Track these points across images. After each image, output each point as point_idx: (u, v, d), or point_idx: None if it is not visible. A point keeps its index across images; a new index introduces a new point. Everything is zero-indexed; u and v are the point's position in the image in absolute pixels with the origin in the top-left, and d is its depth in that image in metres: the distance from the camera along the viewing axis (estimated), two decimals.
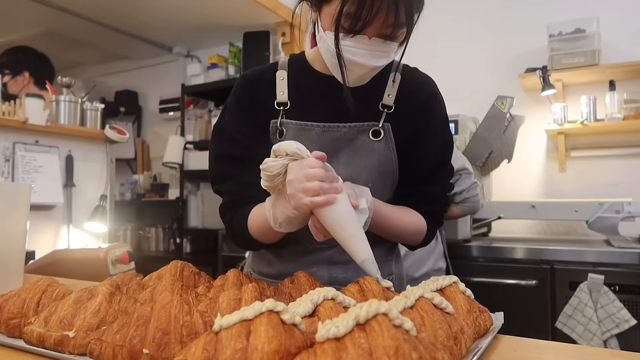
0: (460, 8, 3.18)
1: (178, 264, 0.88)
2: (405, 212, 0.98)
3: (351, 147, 0.96)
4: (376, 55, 0.86)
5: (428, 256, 1.94)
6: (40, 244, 2.05)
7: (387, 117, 0.96)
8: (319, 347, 0.42)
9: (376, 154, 0.95)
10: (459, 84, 3.11)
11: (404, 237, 1.00)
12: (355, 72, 0.89)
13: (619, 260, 1.91)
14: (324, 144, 0.95)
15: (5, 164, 2.00)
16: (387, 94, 0.98)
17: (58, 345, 0.60)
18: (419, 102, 0.99)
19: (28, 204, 1.03)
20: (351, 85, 0.91)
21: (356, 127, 0.95)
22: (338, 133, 0.95)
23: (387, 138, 0.96)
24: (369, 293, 0.71)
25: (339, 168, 0.93)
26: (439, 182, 1.02)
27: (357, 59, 0.85)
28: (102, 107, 2.48)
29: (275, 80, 1.01)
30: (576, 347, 0.64)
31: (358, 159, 0.95)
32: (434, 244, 1.99)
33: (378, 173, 0.96)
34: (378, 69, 0.90)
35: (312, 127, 0.96)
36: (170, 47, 4.40)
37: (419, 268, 1.90)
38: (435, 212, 1.02)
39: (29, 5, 3.35)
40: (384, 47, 0.86)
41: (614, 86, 2.60)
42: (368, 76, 0.92)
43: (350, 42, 0.84)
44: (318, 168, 0.77)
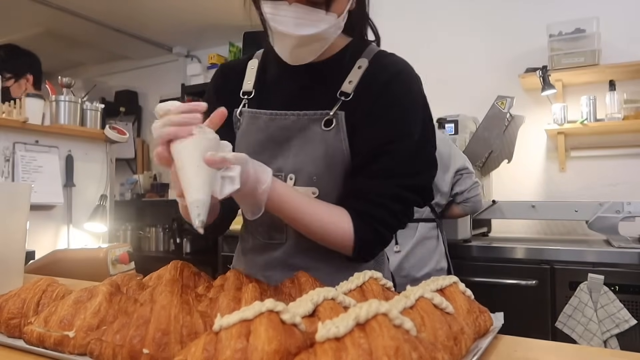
0: (460, 8, 3.18)
1: (178, 264, 0.88)
2: (323, 207, 0.85)
3: (302, 137, 0.90)
4: (299, 23, 0.80)
5: (430, 256, 1.94)
6: (40, 244, 2.05)
7: (344, 105, 0.89)
8: (319, 347, 0.42)
9: (324, 145, 0.88)
10: (459, 84, 3.11)
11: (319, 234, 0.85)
12: (285, 43, 0.84)
13: (619, 260, 1.91)
14: (272, 132, 0.91)
15: (5, 164, 2.00)
16: (349, 80, 0.90)
17: (58, 345, 0.60)
18: (379, 83, 0.89)
19: (28, 204, 1.03)
20: (292, 62, 0.87)
21: (307, 115, 0.89)
22: (286, 121, 0.90)
23: (339, 128, 0.88)
24: (369, 293, 0.71)
25: (288, 158, 0.90)
26: (381, 177, 0.86)
27: (278, 26, 0.81)
28: (102, 107, 2.48)
29: (246, 70, 1.00)
30: (576, 347, 0.64)
31: (307, 149, 0.89)
32: (435, 244, 1.98)
33: (325, 165, 0.88)
34: (311, 43, 0.84)
35: (260, 115, 0.92)
36: (170, 47, 4.40)
37: (421, 268, 1.90)
38: (369, 214, 0.85)
39: (29, 5, 3.35)
40: (306, 13, 0.80)
41: (614, 86, 2.60)
42: (305, 52, 0.86)
43: (270, 9, 0.81)
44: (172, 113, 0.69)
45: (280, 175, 0.91)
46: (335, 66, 0.92)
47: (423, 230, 1.98)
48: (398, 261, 1.92)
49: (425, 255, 1.93)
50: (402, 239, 1.96)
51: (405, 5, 3.35)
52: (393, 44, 3.78)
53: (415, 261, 1.92)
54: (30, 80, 2.60)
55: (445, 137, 2.09)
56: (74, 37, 4.04)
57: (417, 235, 1.97)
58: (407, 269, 1.91)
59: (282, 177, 0.91)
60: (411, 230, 1.98)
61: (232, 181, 0.69)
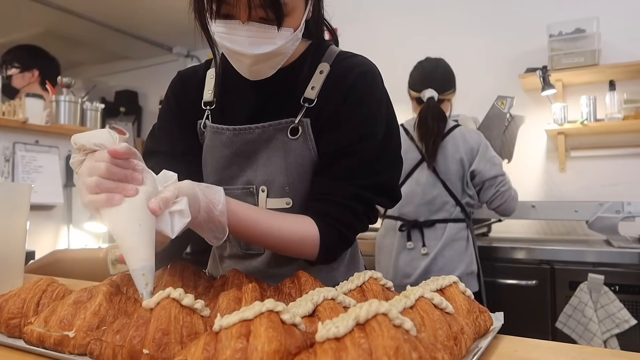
0: (461, 8, 3.18)
1: (178, 264, 0.88)
2: (285, 216, 0.84)
3: (269, 148, 0.88)
4: (253, 42, 0.78)
5: (459, 258, 1.86)
6: (40, 244, 2.05)
7: (308, 112, 0.87)
8: (319, 347, 0.42)
9: (293, 154, 0.87)
10: (459, 84, 3.11)
11: (286, 247, 0.84)
12: (242, 62, 0.81)
13: (619, 260, 1.91)
14: (237, 147, 0.89)
15: (5, 164, 2.00)
16: (312, 86, 0.88)
17: (58, 345, 0.60)
18: (343, 87, 0.87)
19: (28, 204, 1.03)
20: (251, 78, 0.85)
21: (271, 126, 0.87)
22: (251, 135, 0.88)
23: (306, 135, 0.87)
24: (369, 293, 0.71)
25: (257, 170, 0.89)
26: (343, 177, 0.85)
27: (232, 46, 0.79)
28: (102, 107, 2.48)
29: (205, 78, 0.97)
30: (576, 347, 0.64)
31: (276, 160, 0.88)
32: (464, 246, 1.89)
33: (296, 174, 0.87)
34: (269, 59, 0.82)
35: (224, 130, 0.90)
36: (170, 47, 4.40)
37: (449, 272, 1.82)
38: (333, 217, 0.84)
39: (29, 5, 3.35)
40: (259, 31, 0.77)
41: (614, 86, 2.60)
42: (264, 68, 0.83)
43: (222, 28, 0.78)
44: (103, 162, 0.64)
45: (252, 187, 0.90)
46: (297, 73, 0.89)
47: (452, 231, 1.89)
48: (426, 264, 1.85)
49: (454, 258, 1.84)
50: (429, 241, 1.88)
51: (405, 5, 3.35)
52: (393, 43, 3.80)
53: (443, 264, 1.83)
54: (35, 75, 2.60)
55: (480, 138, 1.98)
56: (74, 37, 4.04)
57: (446, 236, 1.88)
58: (434, 272, 1.82)
59: (254, 190, 0.89)
60: (439, 231, 1.90)
61: (181, 214, 0.66)
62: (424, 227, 1.90)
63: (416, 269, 1.85)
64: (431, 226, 1.90)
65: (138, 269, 0.62)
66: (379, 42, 3.34)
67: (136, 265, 0.62)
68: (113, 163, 0.65)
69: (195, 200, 0.70)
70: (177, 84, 1.00)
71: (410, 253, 1.89)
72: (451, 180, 1.92)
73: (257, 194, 0.89)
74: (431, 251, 1.87)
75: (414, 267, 1.86)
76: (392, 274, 1.91)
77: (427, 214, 1.92)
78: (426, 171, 1.94)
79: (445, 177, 1.92)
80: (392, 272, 1.92)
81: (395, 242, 1.94)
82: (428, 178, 1.93)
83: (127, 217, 0.63)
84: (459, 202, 1.93)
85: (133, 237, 0.62)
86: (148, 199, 0.65)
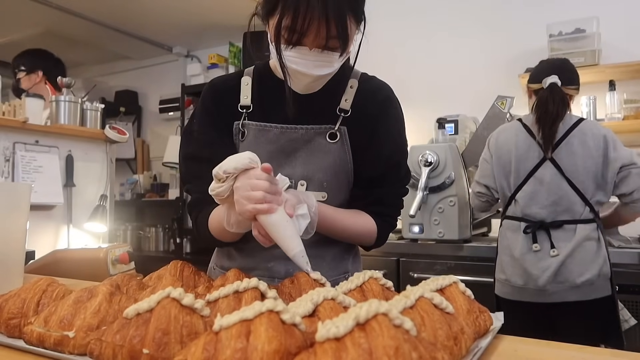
0: (460, 8, 3.18)
1: (178, 264, 0.89)
2: (353, 215, 1.04)
3: (308, 148, 1.02)
4: (317, 65, 0.92)
5: (592, 260, 1.76)
6: (40, 244, 2.05)
7: (344, 121, 1.02)
8: (319, 347, 0.42)
9: (332, 155, 1.02)
10: (459, 84, 3.11)
11: (353, 238, 1.07)
12: (301, 80, 0.96)
13: (619, 260, 1.91)
14: (282, 144, 1.02)
15: (5, 164, 2.00)
16: (345, 98, 1.04)
17: (58, 345, 0.60)
18: (374, 106, 1.05)
19: (28, 204, 1.03)
20: (302, 92, 1.00)
21: (313, 129, 1.01)
22: (295, 134, 1.02)
23: (343, 140, 1.02)
24: (369, 293, 0.71)
25: (296, 166, 1.02)
26: (391, 185, 1.06)
27: (299, 68, 0.92)
28: (102, 107, 2.48)
29: (240, 85, 1.08)
30: (576, 347, 0.64)
31: (315, 159, 1.02)
32: (595, 247, 1.78)
33: (333, 173, 1.02)
34: (323, 78, 0.97)
35: (271, 128, 1.02)
36: (170, 47, 4.40)
37: (581, 274, 1.74)
38: (386, 214, 1.07)
39: (29, 5, 3.35)
40: (324, 57, 0.92)
41: (614, 86, 2.60)
42: (316, 84, 0.99)
43: (292, 53, 0.91)
44: (263, 180, 0.83)
45: (291, 181, 1.01)
46: (331, 85, 1.02)
47: (583, 232, 1.78)
48: (556, 265, 1.76)
49: (585, 260, 1.75)
50: (558, 242, 1.79)
51: (405, 5, 3.35)
52: (393, 44, 3.79)
53: (574, 266, 1.74)
54: (40, 75, 2.69)
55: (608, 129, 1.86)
56: (74, 37, 4.04)
57: (577, 237, 1.78)
58: (565, 274, 1.75)
59: (293, 183, 1.02)
60: (569, 232, 1.80)
61: (304, 217, 0.87)
62: (550, 229, 1.81)
63: (544, 271, 1.77)
64: (559, 227, 1.81)
65: (297, 253, 0.84)
66: (378, 43, 3.34)
67: (294, 251, 0.84)
68: (271, 181, 0.84)
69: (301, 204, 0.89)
70: (213, 90, 1.11)
71: (536, 254, 1.80)
72: (579, 179, 1.81)
73: (297, 186, 1.02)
74: (561, 252, 1.77)
75: (542, 269, 1.78)
76: (518, 276, 1.83)
77: (553, 214, 1.82)
78: (550, 170, 1.83)
79: (572, 176, 1.81)
80: (517, 273, 1.84)
81: (518, 243, 1.85)
82: (553, 177, 1.82)
83: (281, 220, 0.83)
84: (588, 202, 1.81)
85: (288, 232, 0.84)
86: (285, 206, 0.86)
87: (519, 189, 1.89)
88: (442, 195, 2.28)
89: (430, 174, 2.27)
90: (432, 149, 2.31)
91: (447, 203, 2.27)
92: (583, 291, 1.75)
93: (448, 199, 2.27)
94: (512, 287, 1.86)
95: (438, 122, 2.48)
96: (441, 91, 3.17)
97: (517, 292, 1.84)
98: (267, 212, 0.82)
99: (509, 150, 1.92)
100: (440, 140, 2.44)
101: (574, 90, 1.93)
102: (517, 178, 1.89)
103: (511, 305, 1.86)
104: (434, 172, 2.28)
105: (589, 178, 1.81)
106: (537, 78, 1.96)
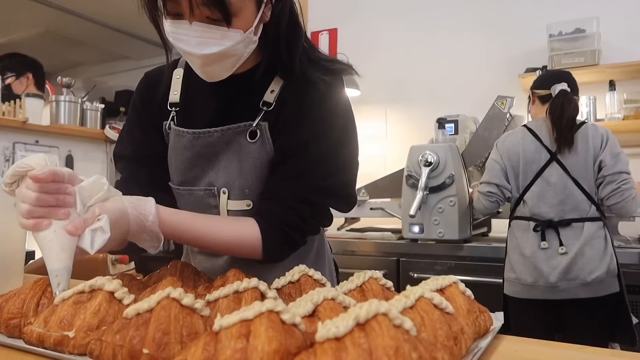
0: (461, 8, 3.18)
1: (178, 264, 0.88)
2: (223, 222, 0.87)
3: (229, 150, 0.90)
4: (202, 42, 0.78)
5: (600, 258, 1.81)
6: None
7: (266, 115, 0.89)
8: (319, 347, 0.42)
9: (251, 157, 0.88)
10: (459, 84, 3.11)
11: (226, 249, 0.88)
12: (194, 62, 0.83)
13: (619, 260, 1.91)
14: (198, 150, 0.91)
15: (5, 164, 2.00)
16: (271, 89, 0.90)
17: (58, 345, 0.60)
18: (300, 91, 0.89)
19: None
20: (209, 80, 0.86)
21: (230, 129, 0.88)
22: (210, 139, 0.89)
23: (264, 138, 0.88)
24: (369, 293, 0.71)
25: (219, 172, 0.91)
26: (290, 178, 0.87)
27: (184, 46, 0.79)
28: (102, 107, 2.49)
29: (172, 78, 0.97)
30: (576, 347, 0.64)
31: (235, 163, 0.90)
32: (603, 245, 1.84)
33: (255, 177, 0.89)
34: (222, 59, 0.82)
35: (184, 134, 0.91)
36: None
37: (591, 271, 1.79)
38: (277, 216, 0.85)
39: (29, 5, 3.35)
40: (209, 32, 0.78)
41: (614, 86, 2.60)
42: (219, 69, 0.84)
43: (171, 27, 0.79)
44: (30, 190, 0.69)
45: (213, 189, 0.91)
46: (257, 76, 0.89)
47: (590, 230, 1.85)
48: (566, 263, 1.82)
49: (594, 257, 1.81)
50: (566, 240, 1.85)
51: (405, 4, 3.35)
52: (393, 44, 3.79)
53: (583, 264, 1.80)
54: (30, 78, 2.66)
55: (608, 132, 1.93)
56: (74, 37, 4.04)
57: (584, 235, 1.84)
58: (575, 271, 1.80)
59: (215, 192, 0.91)
60: (577, 231, 1.86)
61: (102, 232, 0.70)
62: (559, 227, 1.88)
63: (554, 269, 1.82)
64: (567, 226, 1.87)
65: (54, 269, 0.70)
66: (378, 43, 3.34)
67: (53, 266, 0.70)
68: (43, 190, 0.69)
69: (123, 214, 0.74)
70: (143, 85, 1.01)
71: (546, 252, 1.86)
72: (584, 178, 1.88)
73: (219, 195, 0.91)
74: (570, 250, 1.83)
75: (552, 267, 1.83)
76: (529, 273, 1.88)
77: (561, 213, 1.89)
78: (556, 170, 1.91)
79: (578, 175, 1.88)
80: (527, 271, 1.89)
81: (529, 242, 1.91)
82: (559, 177, 1.90)
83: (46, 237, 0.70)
84: (593, 201, 1.88)
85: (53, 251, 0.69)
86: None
87: (527, 189, 1.97)
88: (442, 195, 2.28)
89: (430, 174, 2.27)
90: (432, 149, 2.32)
91: (447, 203, 2.27)
92: (593, 288, 1.80)
93: (448, 199, 2.27)
94: (522, 285, 1.90)
95: (438, 122, 2.48)
96: (441, 91, 3.17)
97: (527, 290, 1.89)
98: (33, 228, 0.70)
99: (516, 152, 2.00)
100: (440, 140, 2.44)
101: (577, 98, 2.03)
102: (525, 179, 1.97)
103: (521, 303, 1.91)
104: (434, 172, 2.28)
105: (593, 177, 1.89)
106: (545, 85, 2.04)
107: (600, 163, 1.88)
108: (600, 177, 1.87)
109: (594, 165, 1.89)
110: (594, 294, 1.79)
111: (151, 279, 0.89)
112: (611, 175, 1.85)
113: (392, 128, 3.27)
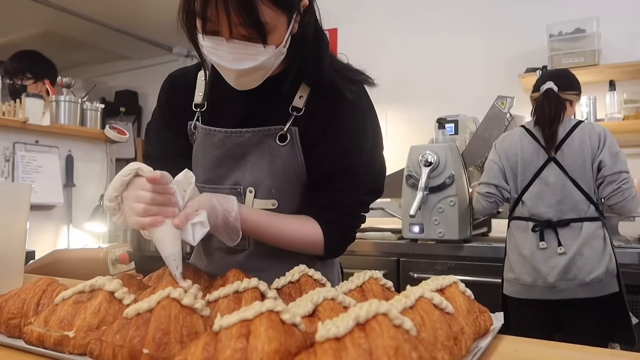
0: (461, 8, 3.18)
1: None
2: (292, 222, 0.93)
3: (257, 151, 0.94)
4: (236, 58, 0.83)
5: (599, 258, 1.81)
6: (40, 244, 2.05)
7: (296, 120, 0.93)
8: (319, 347, 0.42)
9: (280, 159, 0.93)
10: (459, 84, 3.11)
11: (294, 246, 0.94)
12: (228, 75, 0.87)
13: (619, 260, 1.91)
14: (228, 149, 0.95)
15: (5, 164, 2.00)
16: (299, 95, 0.95)
17: (58, 345, 0.60)
18: (330, 100, 0.94)
19: (28, 204, 1.03)
20: (239, 88, 0.90)
21: (261, 131, 0.93)
22: (241, 139, 0.94)
23: (294, 142, 0.93)
24: (369, 293, 0.71)
25: (245, 172, 0.95)
26: (345, 189, 0.94)
27: (220, 61, 0.84)
28: (102, 107, 2.49)
29: (196, 80, 1.01)
30: (576, 347, 0.64)
31: (264, 163, 0.94)
32: (602, 245, 1.84)
33: (283, 178, 0.94)
34: (254, 73, 0.86)
35: (216, 132, 0.95)
36: (170, 47, 4.40)
37: (589, 272, 1.79)
38: (337, 222, 0.95)
39: (29, 5, 3.35)
40: (245, 49, 0.82)
41: (614, 86, 2.60)
42: (250, 80, 0.88)
43: (209, 43, 0.83)
44: (146, 191, 0.76)
45: (239, 188, 0.96)
46: (285, 82, 0.93)
47: (588, 230, 1.84)
48: (564, 263, 1.81)
49: (593, 257, 1.80)
50: (565, 240, 1.85)
51: (405, 4, 3.35)
52: (393, 44, 3.78)
53: (582, 263, 1.80)
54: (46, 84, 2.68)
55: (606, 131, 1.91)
56: (74, 37, 4.04)
57: (583, 235, 1.83)
58: (574, 271, 1.80)
59: (241, 190, 0.95)
60: (575, 231, 1.85)
61: (202, 225, 0.79)
62: (557, 227, 1.87)
63: (553, 269, 1.82)
64: (565, 226, 1.87)
65: (168, 256, 0.78)
66: (378, 43, 3.34)
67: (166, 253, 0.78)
68: (155, 191, 0.77)
69: (213, 210, 0.82)
70: (168, 87, 1.05)
71: (544, 252, 1.86)
72: (582, 178, 1.88)
73: (245, 194, 0.96)
74: (569, 250, 1.83)
75: (551, 267, 1.83)
76: (527, 274, 1.88)
77: (560, 213, 1.88)
78: (554, 171, 1.90)
79: (575, 175, 1.88)
80: (526, 271, 1.88)
81: (527, 242, 1.91)
82: (557, 177, 1.89)
83: (163, 233, 0.78)
84: (592, 200, 1.87)
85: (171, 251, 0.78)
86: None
87: (525, 190, 1.96)
88: (442, 195, 2.28)
89: (430, 174, 2.27)
90: (432, 149, 2.31)
91: (447, 203, 2.27)
92: (592, 288, 1.80)
93: (448, 199, 2.27)
94: (521, 285, 1.90)
95: (438, 122, 2.48)
96: (441, 91, 3.17)
97: (526, 290, 1.89)
98: (150, 225, 0.76)
99: (515, 153, 1.99)
100: (440, 140, 2.44)
101: (573, 95, 2.01)
102: (524, 180, 1.97)
103: (520, 303, 1.91)
104: (434, 172, 2.28)
105: (591, 176, 1.88)
106: (536, 88, 2.05)
107: (599, 163, 1.87)
108: (601, 177, 1.87)
109: (592, 165, 1.88)
110: (592, 294, 1.79)
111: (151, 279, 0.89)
112: (611, 175, 1.84)
113: (392, 128, 3.26)
